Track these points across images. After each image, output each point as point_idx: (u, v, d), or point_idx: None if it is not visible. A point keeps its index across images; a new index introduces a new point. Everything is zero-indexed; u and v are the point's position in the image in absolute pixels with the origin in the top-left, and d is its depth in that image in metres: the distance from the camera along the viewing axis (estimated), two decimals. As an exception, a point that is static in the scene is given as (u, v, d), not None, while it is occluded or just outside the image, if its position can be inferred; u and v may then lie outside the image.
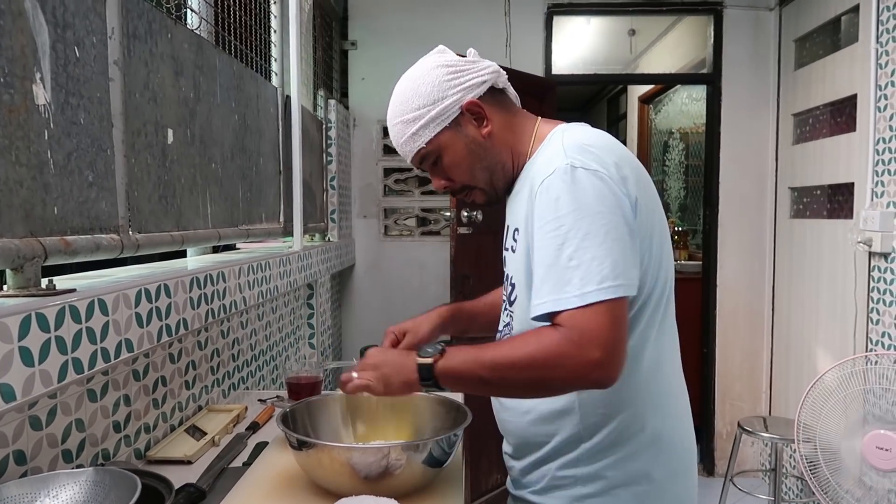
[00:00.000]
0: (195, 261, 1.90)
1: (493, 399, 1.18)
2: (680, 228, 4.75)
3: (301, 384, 1.61)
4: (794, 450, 3.07)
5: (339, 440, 1.27)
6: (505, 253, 1.13)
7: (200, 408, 1.60)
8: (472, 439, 1.48)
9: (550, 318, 0.92)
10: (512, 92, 1.13)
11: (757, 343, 3.59)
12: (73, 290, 1.01)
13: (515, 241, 1.07)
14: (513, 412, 1.12)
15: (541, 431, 1.07)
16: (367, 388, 1.05)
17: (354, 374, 1.06)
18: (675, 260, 4.41)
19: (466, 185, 1.11)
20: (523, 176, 1.08)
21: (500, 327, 1.17)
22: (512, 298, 1.09)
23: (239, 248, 2.41)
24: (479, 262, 2.95)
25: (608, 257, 0.90)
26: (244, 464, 1.31)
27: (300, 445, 1.11)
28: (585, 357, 0.87)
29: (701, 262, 3.81)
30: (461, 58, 1.10)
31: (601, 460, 1.03)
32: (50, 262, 1.02)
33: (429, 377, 0.99)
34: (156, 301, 1.23)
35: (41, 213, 1.00)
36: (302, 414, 1.27)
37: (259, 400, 1.76)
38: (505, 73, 1.12)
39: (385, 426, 1.32)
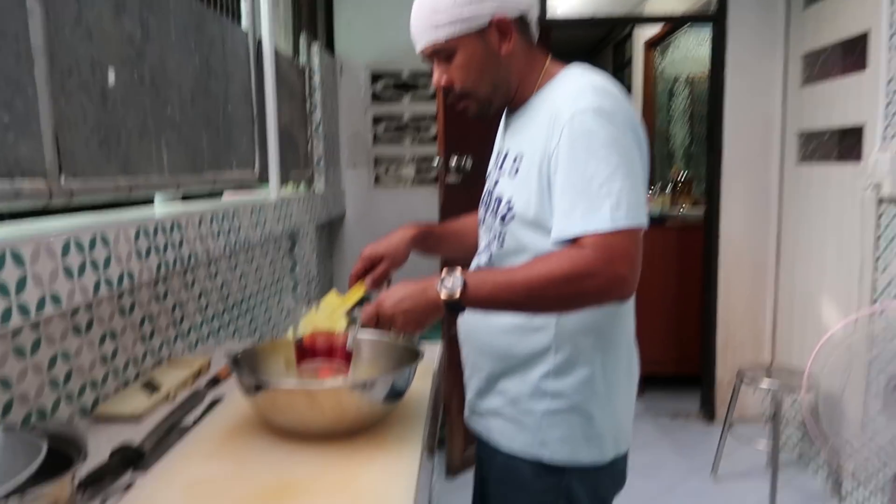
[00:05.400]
0: (162, 209, 1.82)
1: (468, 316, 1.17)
2: (684, 176, 4.61)
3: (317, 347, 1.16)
4: (796, 399, 3.01)
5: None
6: (497, 176, 1.18)
7: (161, 362, 1.55)
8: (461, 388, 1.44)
9: (574, 240, 1.00)
10: (534, 31, 1.17)
11: (760, 290, 3.49)
12: (-21, 240, 0.93)
13: (517, 165, 1.12)
14: (488, 322, 1.17)
15: (517, 343, 1.14)
16: (392, 325, 1.06)
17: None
18: (680, 208, 4.30)
19: (466, 91, 1.14)
20: (534, 107, 1.13)
21: (483, 245, 1.22)
22: (507, 218, 1.13)
23: (224, 198, 2.34)
24: (470, 210, 2.85)
25: (634, 190, 0.99)
26: (194, 421, 1.25)
27: (255, 388, 1.08)
28: (615, 273, 0.97)
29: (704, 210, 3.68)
30: None
31: (566, 377, 1.12)
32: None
33: (455, 310, 1.03)
34: (90, 252, 1.16)
35: (-59, 156, 0.92)
36: (256, 355, 1.26)
37: (227, 354, 1.70)
38: (537, 7, 1.18)
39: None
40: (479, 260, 1.23)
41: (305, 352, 1.15)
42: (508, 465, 1.17)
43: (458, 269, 1.02)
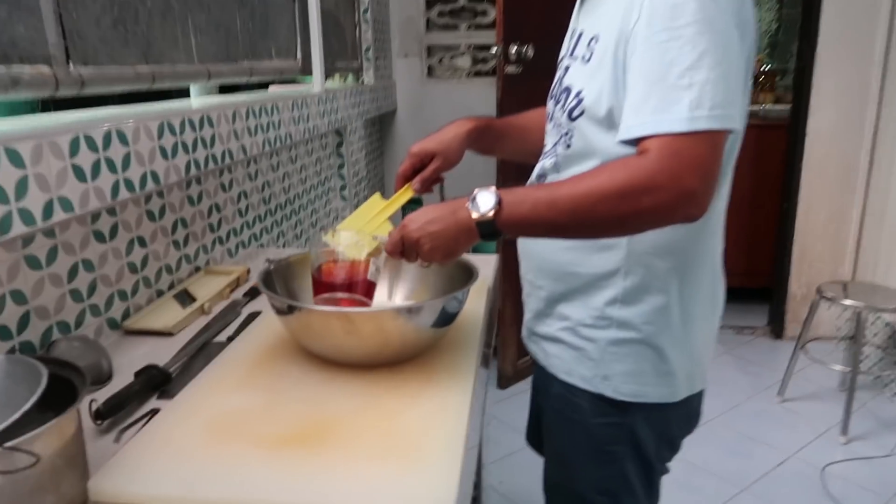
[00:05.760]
0: (197, 102, 1.68)
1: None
2: (768, 68, 4.18)
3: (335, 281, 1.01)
4: (878, 318, 2.79)
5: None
6: (569, 62, 0.98)
7: (199, 269, 1.45)
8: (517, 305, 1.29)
9: (640, 141, 0.80)
10: None
11: (847, 200, 3.18)
12: (-35, 137, 0.80)
13: (591, 49, 0.92)
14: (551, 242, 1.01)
15: (581, 261, 0.98)
16: (418, 251, 0.90)
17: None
18: (760, 104, 3.92)
19: None
20: None
21: (549, 146, 1.04)
22: (574, 113, 0.93)
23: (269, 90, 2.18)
24: (531, 106, 2.62)
25: (724, 82, 0.77)
26: (228, 338, 1.15)
27: (287, 310, 0.96)
28: (682, 187, 0.76)
29: (790, 107, 3.32)
30: None
31: (637, 305, 0.96)
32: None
33: (489, 234, 0.86)
34: (104, 150, 1.02)
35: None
36: (291, 271, 1.11)
37: (267, 260, 1.59)
38: None
39: (386, 283, 1.15)
40: (544, 163, 1.05)
41: (322, 283, 1.00)
42: (566, 396, 1.04)
43: (493, 187, 0.86)
